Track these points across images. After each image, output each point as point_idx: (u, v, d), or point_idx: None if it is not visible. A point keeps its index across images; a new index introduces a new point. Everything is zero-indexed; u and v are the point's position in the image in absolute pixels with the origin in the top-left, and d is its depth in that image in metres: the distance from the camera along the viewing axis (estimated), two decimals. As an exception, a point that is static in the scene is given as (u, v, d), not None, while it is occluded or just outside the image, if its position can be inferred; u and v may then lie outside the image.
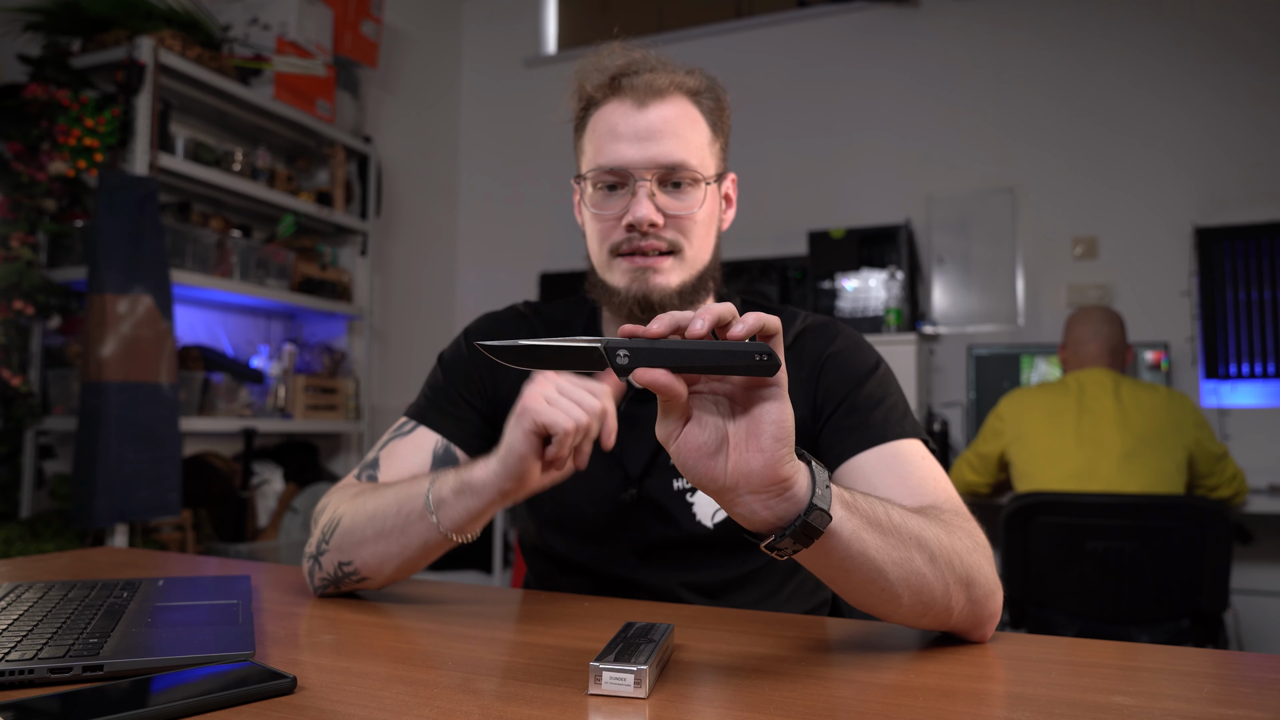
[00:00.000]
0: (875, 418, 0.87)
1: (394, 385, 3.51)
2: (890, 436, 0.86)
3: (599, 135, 0.92)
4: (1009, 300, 3.17)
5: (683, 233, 0.91)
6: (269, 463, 2.84)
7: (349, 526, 0.82)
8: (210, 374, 2.59)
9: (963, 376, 3.11)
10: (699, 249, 0.93)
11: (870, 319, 2.98)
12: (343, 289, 3.10)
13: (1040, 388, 2.30)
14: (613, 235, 0.91)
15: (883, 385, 0.92)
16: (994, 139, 3.21)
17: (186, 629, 0.69)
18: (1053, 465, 2.11)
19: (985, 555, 0.72)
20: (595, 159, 0.92)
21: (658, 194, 0.90)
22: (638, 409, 0.96)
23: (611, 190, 0.92)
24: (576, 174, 0.97)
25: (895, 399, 0.91)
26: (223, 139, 2.89)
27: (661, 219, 0.90)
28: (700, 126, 0.92)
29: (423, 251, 3.79)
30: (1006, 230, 3.18)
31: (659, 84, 0.90)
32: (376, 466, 0.93)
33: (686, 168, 0.90)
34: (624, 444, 0.94)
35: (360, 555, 0.81)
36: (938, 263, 3.23)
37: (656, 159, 0.89)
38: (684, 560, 0.93)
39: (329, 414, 3.00)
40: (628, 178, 0.90)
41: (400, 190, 3.62)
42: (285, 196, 2.84)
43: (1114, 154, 3.06)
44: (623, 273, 0.91)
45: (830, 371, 0.93)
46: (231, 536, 2.57)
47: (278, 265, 2.81)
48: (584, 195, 0.94)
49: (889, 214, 3.24)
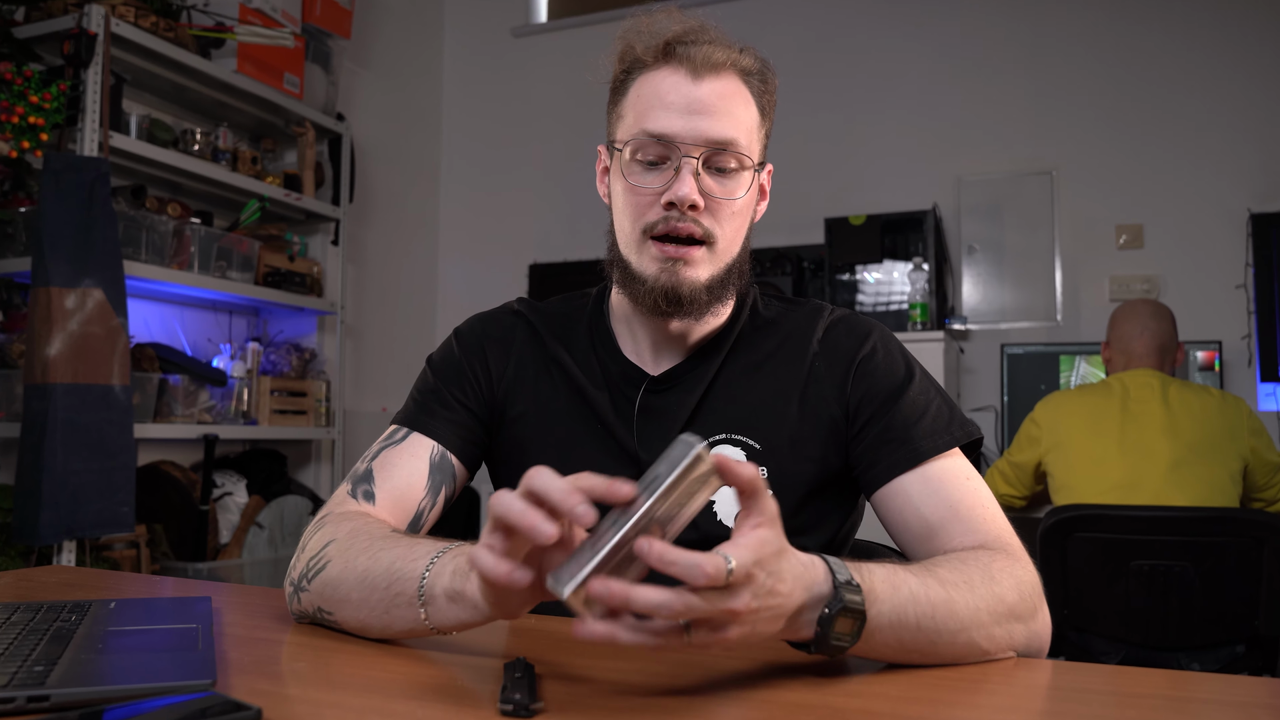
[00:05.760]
0: (917, 434, 0.91)
1: (369, 388, 3.51)
2: (941, 448, 0.90)
3: (644, 101, 0.92)
4: (1046, 294, 3.17)
5: (719, 221, 0.92)
6: (231, 473, 2.83)
7: (335, 578, 0.80)
8: (167, 375, 2.58)
9: (995, 378, 3.11)
10: (731, 241, 0.94)
11: (893, 314, 2.98)
12: (313, 282, 3.10)
13: (1080, 390, 2.29)
14: (648, 214, 0.92)
15: (924, 389, 0.95)
16: (1029, 116, 3.20)
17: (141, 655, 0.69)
18: (1094, 476, 2.11)
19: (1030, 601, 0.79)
20: (639, 124, 0.92)
21: (702, 175, 0.91)
22: (653, 399, 0.98)
23: (651, 165, 0.93)
24: (609, 140, 0.98)
25: (939, 402, 0.94)
26: (181, 117, 2.88)
27: (703, 201, 0.91)
28: (752, 108, 0.94)
29: (401, 241, 3.78)
30: (1044, 217, 3.18)
31: (717, 58, 0.91)
32: (371, 480, 0.94)
33: (736, 148, 0.91)
34: (640, 436, 0.96)
35: (342, 613, 0.80)
36: (968, 253, 3.23)
37: (707, 135, 0.90)
38: None
39: (298, 419, 3.00)
40: (672, 151, 0.91)
41: (376, 173, 3.62)
42: (249, 180, 2.83)
43: (1162, 133, 3.05)
44: (653, 259, 0.92)
45: (864, 379, 0.96)
46: (190, 554, 2.56)
47: (241, 256, 2.81)
48: (619, 165, 0.95)
49: (914, 199, 3.24)
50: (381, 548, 0.79)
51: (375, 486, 0.93)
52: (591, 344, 1.02)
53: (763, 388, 0.98)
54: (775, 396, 0.97)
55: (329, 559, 0.81)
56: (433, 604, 0.71)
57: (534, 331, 1.04)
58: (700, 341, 0.99)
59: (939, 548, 0.85)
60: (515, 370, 1.02)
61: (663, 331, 0.98)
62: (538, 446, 0.98)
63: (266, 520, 2.76)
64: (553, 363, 1.02)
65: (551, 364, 1.02)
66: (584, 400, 0.99)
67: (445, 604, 0.71)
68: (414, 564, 0.74)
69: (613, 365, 1.01)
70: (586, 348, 1.02)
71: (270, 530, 2.77)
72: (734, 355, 0.99)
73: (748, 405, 0.97)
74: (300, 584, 0.83)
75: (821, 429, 0.96)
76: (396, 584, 0.74)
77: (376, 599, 0.76)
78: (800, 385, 0.97)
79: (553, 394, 1.01)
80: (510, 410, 1.01)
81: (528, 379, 1.02)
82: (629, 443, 0.96)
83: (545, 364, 1.02)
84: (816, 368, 0.97)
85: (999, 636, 0.74)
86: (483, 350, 1.03)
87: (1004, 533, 0.85)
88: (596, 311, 1.05)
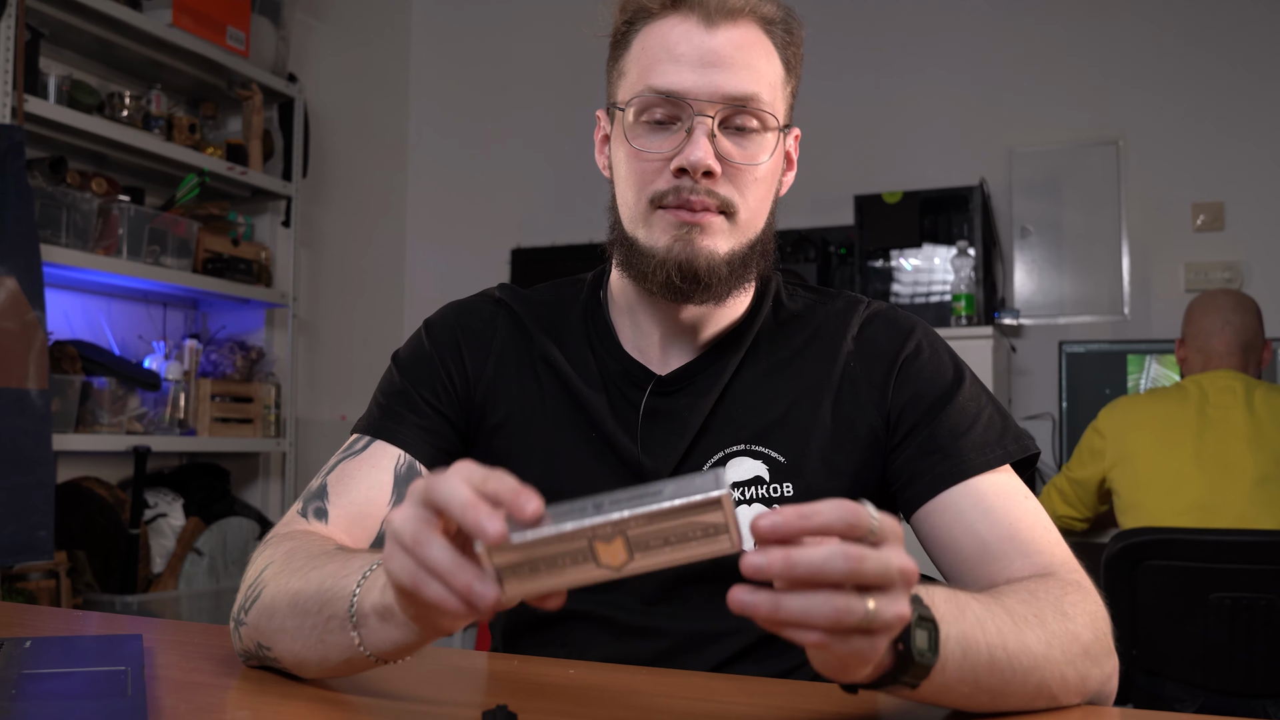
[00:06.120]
0: (965, 445, 0.92)
1: (326, 392, 3.51)
2: (993, 462, 0.91)
3: (650, 54, 0.92)
4: (1112, 284, 3.17)
5: (740, 189, 0.92)
6: (166, 491, 2.83)
7: (268, 604, 0.79)
8: (91, 378, 2.58)
9: (1052, 381, 3.11)
10: (754, 213, 0.94)
11: (933, 307, 2.98)
12: (260, 269, 3.10)
13: (1151, 395, 2.29)
14: (656, 181, 0.92)
15: (974, 396, 0.96)
16: (1093, 76, 3.20)
17: (61, 703, 0.68)
18: (1167, 494, 2.11)
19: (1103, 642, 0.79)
20: (644, 80, 0.92)
21: (719, 136, 0.91)
22: (661, 402, 0.98)
23: (659, 126, 0.92)
24: (609, 103, 0.98)
25: (990, 411, 0.95)
26: (107, 78, 2.89)
27: (719, 167, 0.90)
28: (774, 61, 0.94)
29: (363, 222, 3.78)
30: (1109, 195, 3.17)
31: (733, 3, 0.91)
32: (324, 496, 0.93)
33: (758, 104, 0.91)
34: (645, 445, 0.96)
35: (279, 645, 0.78)
36: (1020, 236, 3.23)
37: (723, 90, 0.90)
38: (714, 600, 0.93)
39: (242, 429, 2.99)
40: (683, 110, 0.91)
41: (334, 144, 3.62)
42: (187, 151, 2.83)
43: (1247, 97, 3.05)
44: (665, 228, 0.92)
45: (907, 382, 0.97)
46: (118, 586, 2.56)
47: (177, 239, 2.81)
48: (621, 129, 0.95)
49: (958, 174, 3.23)
50: (315, 566, 0.78)
51: (329, 503, 0.92)
52: (587, 338, 1.02)
53: (788, 391, 0.97)
54: (803, 401, 0.97)
55: (264, 584, 0.81)
56: (364, 625, 0.69)
57: (518, 323, 1.03)
58: (715, 337, 0.99)
59: (995, 576, 0.85)
60: (496, 369, 1.02)
61: (673, 323, 0.98)
62: (522, 459, 0.97)
63: (206, 546, 2.76)
64: (540, 360, 1.01)
65: (539, 361, 1.01)
66: (578, 404, 0.98)
67: (377, 624, 0.69)
68: (346, 580, 0.72)
69: (612, 363, 1.00)
70: (581, 342, 1.02)
71: (211, 558, 2.77)
72: (755, 353, 0.99)
73: (771, 411, 0.96)
74: (239, 617, 0.82)
75: (856, 440, 0.96)
76: (328, 606, 0.73)
77: (309, 625, 0.74)
78: (832, 389, 0.97)
79: (540, 396, 1.00)
80: (490, 416, 1.01)
81: (511, 379, 1.01)
82: (631, 452, 0.96)
83: (532, 361, 1.01)
84: (851, 369, 0.97)
85: (1071, 680, 0.74)
86: (457, 345, 1.02)
87: (1070, 561, 0.85)
88: (592, 300, 1.04)
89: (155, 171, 2.91)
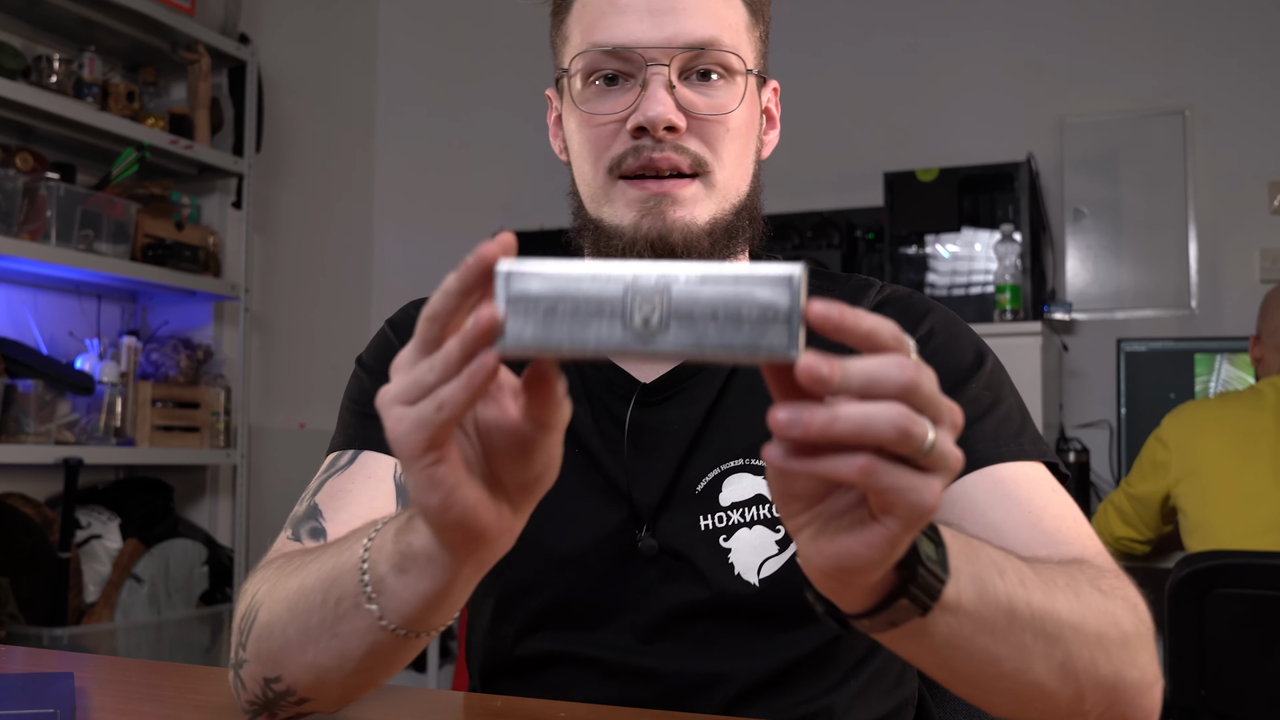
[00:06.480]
0: (984, 431, 0.90)
1: (283, 397, 3.51)
2: (1006, 456, 0.88)
3: (593, 9, 0.94)
4: (1177, 273, 3.16)
5: (710, 144, 0.93)
6: (101, 509, 2.83)
7: (267, 621, 0.77)
8: (15, 380, 2.57)
9: (1110, 384, 3.10)
10: (733, 172, 0.95)
11: (974, 300, 2.97)
12: (208, 257, 3.09)
13: (1222, 400, 2.30)
14: (613, 146, 0.93)
15: (992, 385, 0.94)
16: (1157, 38, 3.19)
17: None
18: (1241, 513, 2.11)
19: (1145, 639, 0.74)
20: (588, 38, 0.93)
21: (679, 87, 0.91)
22: (647, 415, 0.97)
23: (610, 86, 0.93)
24: (556, 71, 0.98)
25: (1009, 404, 0.94)
26: (33, 39, 2.88)
27: (683, 120, 0.91)
28: (735, 5, 0.95)
29: (325, 203, 3.78)
30: (1174, 172, 3.17)
31: None
32: (317, 516, 0.92)
33: (719, 48, 0.92)
34: (630, 466, 0.95)
35: (289, 667, 0.76)
36: (1073, 218, 3.23)
37: (677, 36, 0.91)
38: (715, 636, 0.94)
39: (187, 438, 2.99)
40: (634, 64, 0.92)
41: (292, 115, 3.61)
42: (124, 122, 2.83)
43: (1329, 61, 3.07)
44: (630, 202, 0.92)
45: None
46: (46, 617, 2.55)
47: (113, 222, 2.80)
48: (570, 98, 0.96)
49: (1002, 148, 3.22)
50: (312, 559, 0.77)
51: (325, 520, 0.91)
52: None
53: None
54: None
55: (259, 606, 0.79)
56: (383, 590, 0.67)
57: None
58: None
59: None
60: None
61: None
62: None
63: (146, 572, 2.76)
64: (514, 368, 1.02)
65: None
66: None
67: (397, 582, 0.66)
68: (349, 555, 0.71)
69: (592, 370, 1.00)
70: None
71: (151, 585, 2.76)
72: None
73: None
74: (238, 657, 0.80)
75: None
76: (335, 587, 0.71)
77: (317, 622, 0.72)
78: None
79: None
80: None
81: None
82: (616, 474, 0.96)
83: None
84: None
85: (1104, 670, 0.70)
86: None
87: (1105, 554, 0.83)
88: None
89: (88, 145, 2.89)
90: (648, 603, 0.94)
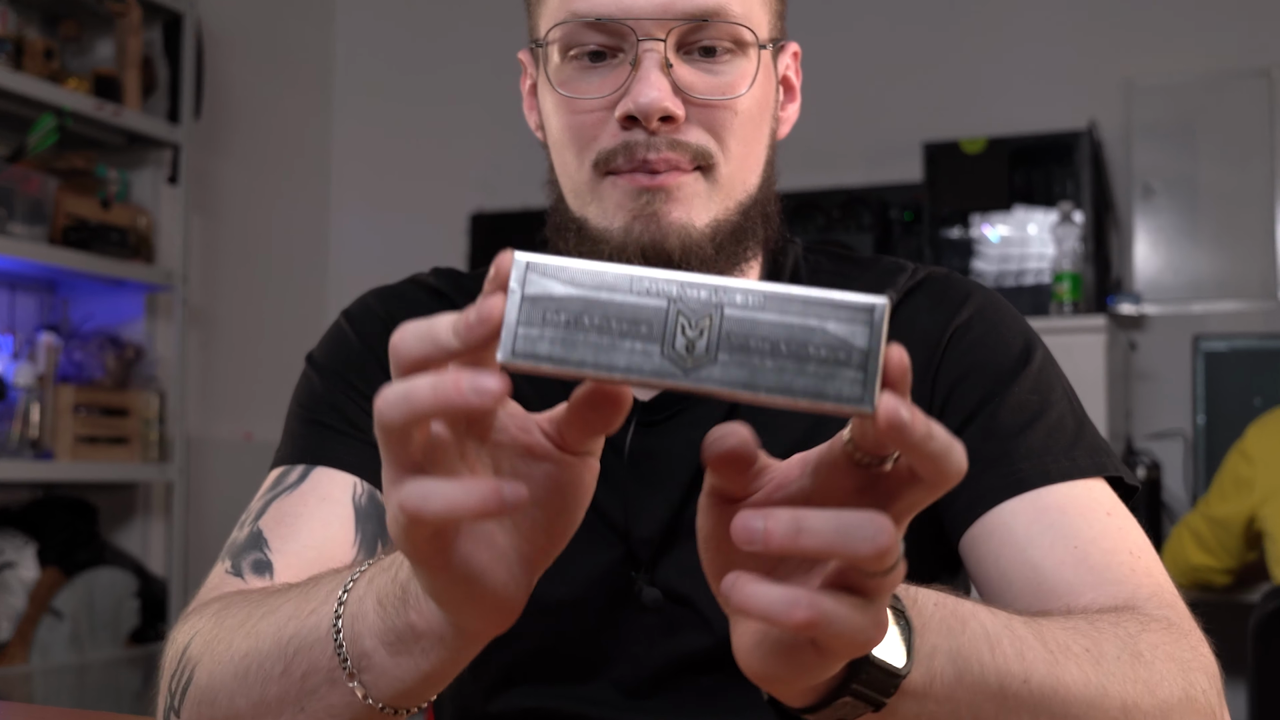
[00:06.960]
0: (1029, 445, 0.89)
1: (226, 402, 3.51)
2: (1054, 476, 0.88)
3: None
4: (1264, 260, 3.16)
5: (715, 132, 0.91)
6: (14, 533, 2.83)
7: (207, 686, 0.76)
8: (-88, 382, 2.59)
9: (1185, 388, 3.10)
10: (741, 164, 0.94)
11: (1028, 291, 2.98)
12: (139, 240, 3.09)
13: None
14: (600, 138, 0.91)
15: (1040, 386, 0.94)
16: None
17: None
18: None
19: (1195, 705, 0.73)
20: (567, 3, 0.90)
21: (676, 64, 0.89)
22: (648, 440, 0.97)
23: (595, 62, 0.91)
24: (531, 42, 0.97)
25: (1061, 409, 0.93)
26: (-65, -14, 2.89)
27: (681, 108, 0.89)
28: None
29: (274, 178, 3.78)
30: (1259, 142, 3.17)
31: None
32: (261, 545, 0.91)
33: (726, 18, 0.90)
34: (628, 501, 0.95)
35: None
36: (1143, 196, 3.23)
37: (674, 4, 0.88)
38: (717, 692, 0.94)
39: (115, 451, 2.99)
40: (624, 37, 0.89)
41: (237, 76, 3.62)
42: (41, 84, 2.84)
43: None
44: (620, 201, 0.91)
45: (958, 356, 0.95)
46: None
47: (28, 200, 2.81)
48: (546, 74, 0.94)
49: (1060, 115, 3.23)
50: (263, 613, 0.75)
51: (271, 552, 0.90)
52: None
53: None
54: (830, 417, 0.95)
55: (194, 662, 0.78)
56: (369, 669, 0.67)
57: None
58: None
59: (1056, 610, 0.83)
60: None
61: None
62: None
63: (68, 606, 2.76)
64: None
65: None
66: None
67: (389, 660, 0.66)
68: (315, 617, 0.70)
69: None
70: None
71: (74, 621, 2.77)
72: None
73: (790, 437, 0.90)
74: (167, 714, 0.80)
75: None
76: (300, 658, 0.70)
77: (276, 695, 0.72)
78: None
79: None
80: None
81: None
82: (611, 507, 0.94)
83: None
84: None
85: None
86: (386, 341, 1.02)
87: (1165, 595, 0.83)
88: None
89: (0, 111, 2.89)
90: (643, 653, 0.95)
